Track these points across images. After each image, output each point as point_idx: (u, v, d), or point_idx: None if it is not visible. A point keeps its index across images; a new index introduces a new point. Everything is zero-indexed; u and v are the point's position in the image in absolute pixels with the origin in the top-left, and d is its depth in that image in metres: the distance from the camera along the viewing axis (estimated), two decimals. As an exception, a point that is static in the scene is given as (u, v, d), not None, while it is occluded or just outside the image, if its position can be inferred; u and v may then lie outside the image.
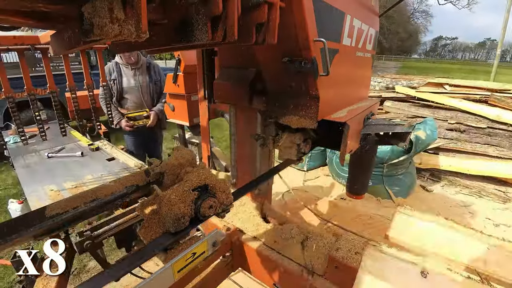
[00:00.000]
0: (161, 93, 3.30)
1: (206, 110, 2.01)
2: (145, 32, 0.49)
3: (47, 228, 0.74)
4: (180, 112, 2.59)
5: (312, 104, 1.11)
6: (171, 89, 2.53)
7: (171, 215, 0.75)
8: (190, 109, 2.49)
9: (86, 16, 0.50)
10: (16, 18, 0.70)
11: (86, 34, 0.53)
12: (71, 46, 0.70)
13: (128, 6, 0.48)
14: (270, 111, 1.29)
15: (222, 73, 1.49)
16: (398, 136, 1.63)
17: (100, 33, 0.50)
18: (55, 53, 0.84)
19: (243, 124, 1.63)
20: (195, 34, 0.61)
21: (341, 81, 1.36)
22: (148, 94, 3.22)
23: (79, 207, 0.80)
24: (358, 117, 1.37)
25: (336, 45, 1.14)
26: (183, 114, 2.56)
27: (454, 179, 4.34)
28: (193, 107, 2.45)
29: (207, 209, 0.80)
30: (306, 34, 0.91)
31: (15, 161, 2.20)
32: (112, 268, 0.70)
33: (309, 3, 0.87)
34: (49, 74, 2.42)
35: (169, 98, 2.67)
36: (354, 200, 3.74)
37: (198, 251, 0.78)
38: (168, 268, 0.70)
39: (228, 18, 0.60)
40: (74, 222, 0.82)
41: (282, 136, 1.33)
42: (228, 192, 0.86)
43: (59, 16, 0.74)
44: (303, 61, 0.99)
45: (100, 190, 0.88)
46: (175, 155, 1.00)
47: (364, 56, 1.57)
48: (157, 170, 0.94)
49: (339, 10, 1.09)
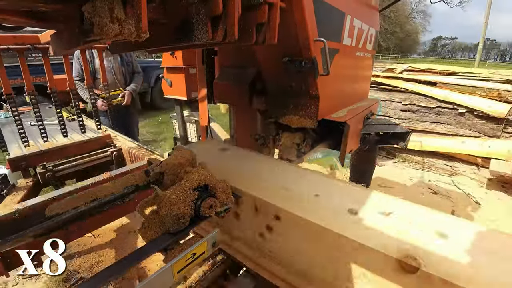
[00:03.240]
0: (133, 73, 3.53)
1: (206, 110, 2.01)
2: (145, 32, 0.49)
3: (47, 228, 0.74)
4: (177, 86, 2.56)
5: (312, 103, 1.11)
6: (168, 62, 2.51)
7: (171, 215, 0.74)
8: (188, 82, 2.46)
9: (86, 16, 0.50)
10: (16, 18, 0.70)
11: (86, 33, 0.52)
12: (71, 46, 0.70)
13: (128, 5, 0.47)
14: (270, 111, 1.29)
15: (222, 73, 1.49)
16: (398, 135, 1.63)
17: (100, 32, 0.50)
18: (55, 53, 0.84)
19: (243, 124, 1.63)
20: (196, 33, 0.61)
21: (341, 80, 1.36)
22: (121, 74, 3.43)
23: (79, 207, 0.80)
24: (358, 116, 1.37)
25: (336, 45, 1.14)
26: (180, 89, 2.53)
27: (407, 156, 4.65)
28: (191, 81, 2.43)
29: (207, 209, 0.79)
30: (307, 34, 0.91)
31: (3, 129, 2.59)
32: (110, 268, 0.70)
33: (309, 3, 0.87)
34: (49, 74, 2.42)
35: (166, 73, 2.65)
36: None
37: (198, 251, 0.78)
38: (167, 269, 0.70)
39: (229, 18, 0.60)
40: (74, 222, 0.82)
41: (282, 136, 1.33)
42: (228, 192, 0.86)
43: (59, 16, 0.74)
44: (303, 61, 0.99)
45: (100, 190, 0.88)
46: (175, 154, 0.99)
47: (364, 56, 1.57)
48: (157, 170, 0.94)
49: (339, 10, 1.09)
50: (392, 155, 4.74)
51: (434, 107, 4.65)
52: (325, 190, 0.92)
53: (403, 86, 5.04)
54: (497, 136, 4.13)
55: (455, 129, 4.48)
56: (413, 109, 4.85)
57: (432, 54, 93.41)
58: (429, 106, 4.70)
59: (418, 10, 58.24)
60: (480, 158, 4.10)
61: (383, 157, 4.75)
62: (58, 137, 2.29)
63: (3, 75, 1.87)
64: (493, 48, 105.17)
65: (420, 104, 4.79)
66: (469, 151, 4.16)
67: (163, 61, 2.58)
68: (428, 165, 4.40)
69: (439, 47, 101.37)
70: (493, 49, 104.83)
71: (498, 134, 4.12)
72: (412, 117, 4.85)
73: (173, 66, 2.49)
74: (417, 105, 4.82)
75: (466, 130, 4.37)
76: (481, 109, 4.16)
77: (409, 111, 4.89)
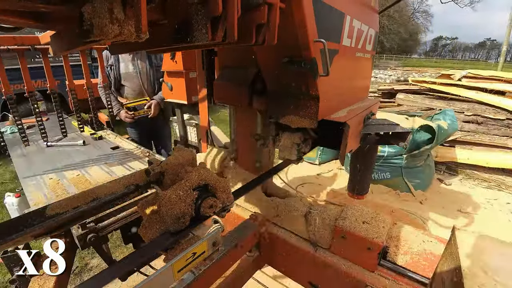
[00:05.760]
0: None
1: (207, 112, 2.02)
2: (145, 33, 0.49)
3: (47, 228, 0.75)
4: (178, 90, 2.55)
5: (312, 104, 1.11)
6: (168, 66, 2.50)
7: (171, 215, 0.75)
8: (188, 86, 2.45)
9: (86, 16, 0.50)
10: (16, 18, 0.70)
11: (86, 34, 0.53)
12: (70, 47, 0.70)
13: (128, 6, 0.48)
14: (270, 111, 1.29)
15: (222, 74, 1.50)
16: (399, 135, 1.63)
17: (100, 33, 0.50)
18: (55, 54, 0.84)
19: (243, 124, 1.63)
20: (195, 34, 0.61)
21: (341, 81, 1.36)
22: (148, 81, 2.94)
23: (79, 207, 0.81)
24: (358, 117, 1.37)
25: (336, 45, 1.14)
26: (181, 92, 2.52)
27: (472, 172, 4.18)
28: (191, 85, 2.42)
29: (207, 209, 0.80)
30: (306, 35, 0.91)
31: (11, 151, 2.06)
32: (109, 269, 0.70)
33: (309, 4, 0.88)
34: (49, 74, 2.42)
35: (166, 77, 2.63)
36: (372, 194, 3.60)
37: (198, 251, 0.78)
38: (168, 268, 0.70)
39: (228, 19, 0.60)
40: (74, 222, 0.82)
41: (282, 136, 1.33)
42: (228, 191, 0.86)
43: (59, 17, 0.74)
44: (303, 62, 0.99)
45: (100, 189, 0.88)
46: (175, 155, 1.00)
47: (364, 56, 1.57)
48: (157, 169, 0.94)
49: (339, 10, 1.09)
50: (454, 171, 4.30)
51: (503, 119, 4.19)
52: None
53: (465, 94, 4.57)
54: None
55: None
56: (479, 120, 4.40)
57: (433, 54, 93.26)
58: (498, 118, 4.22)
59: (420, 10, 58.23)
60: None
61: (444, 172, 4.28)
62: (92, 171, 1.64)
63: (3, 75, 1.86)
64: (493, 48, 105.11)
65: (486, 115, 4.33)
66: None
67: (163, 65, 2.59)
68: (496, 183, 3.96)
69: (439, 47, 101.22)
70: (493, 49, 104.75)
71: None
72: (478, 129, 4.38)
73: (173, 71, 2.50)
74: (483, 116, 4.35)
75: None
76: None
77: (474, 122, 4.44)
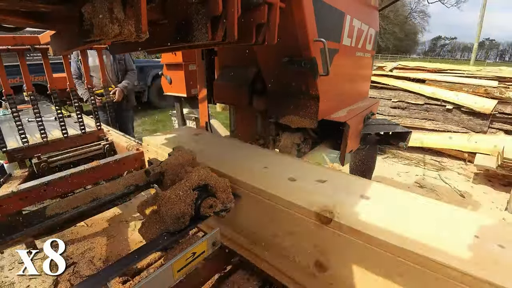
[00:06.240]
0: (125, 71, 3.54)
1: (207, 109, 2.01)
2: (145, 32, 0.49)
3: (47, 228, 0.75)
4: (177, 83, 2.54)
5: (312, 104, 1.11)
6: (167, 59, 2.49)
7: (171, 215, 0.75)
8: (187, 79, 2.43)
9: (86, 16, 0.50)
10: (16, 18, 0.70)
11: (86, 34, 0.52)
12: (70, 46, 0.70)
13: (128, 6, 0.47)
14: (270, 111, 1.29)
15: (222, 73, 1.49)
16: (399, 135, 1.63)
17: (100, 33, 0.50)
18: (55, 53, 0.84)
19: (243, 124, 1.63)
20: (195, 34, 0.61)
21: (341, 81, 1.36)
22: (113, 72, 3.47)
23: (79, 207, 0.80)
24: (358, 117, 1.37)
25: (336, 45, 1.14)
26: (180, 86, 2.50)
27: (397, 152, 4.73)
28: (191, 77, 2.41)
29: (207, 209, 0.80)
30: (306, 34, 0.91)
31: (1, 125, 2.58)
32: (109, 268, 0.70)
33: (309, 4, 0.88)
34: (49, 74, 2.42)
35: (166, 70, 2.63)
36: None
37: (198, 250, 0.78)
38: (168, 268, 0.70)
39: (228, 19, 0.60)
40: (74, 222, 0.82)
41: (282, 136, 1.33)
42: (228, 191, 0.86)
43: (59, 16, 0.74)
44: (303, 61, 0.99)
45: (100, 190, 0.88)
46: (175, 155, 1.00)
47: (364, 56, 1.57)
48: (157, 170, 0.94)
49: (339, 10, 1.09)
50: (382, 151, 4.80)
51: (422, 104, 4.76)
52: (274, 163, 1.06)
53: (392, 83, 5.13)
54: (483, 132, 4.23)
55: (443, 125, 4.58)
56: (403, 106, 4.97)
57: (432, 54, 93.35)
58: (418, 103, 4.81)
59: (417, 10, 58.20)
60: (467, 153, 4.18)
61: (373, 153, 4.82)
62: (54, 132, 2.41)
63: (2, 76, 1.87)
64: (492, 48, 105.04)
65: (409, 101, 4.91)
66: (456, 146, 4.24)
67: (162, 57, 2.57)
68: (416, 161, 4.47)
69: (438, 47, 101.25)
70: (492, 49, 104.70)
71: (484, 129, 4.22)
72: (402, 114, 4.98)
73: (172, 63, 2.47)
74: (406, 102, 4.93)
75: (454, 126, 4.47)
76: (468, 105, 4.24)
77: (399, 108, 5.01)
